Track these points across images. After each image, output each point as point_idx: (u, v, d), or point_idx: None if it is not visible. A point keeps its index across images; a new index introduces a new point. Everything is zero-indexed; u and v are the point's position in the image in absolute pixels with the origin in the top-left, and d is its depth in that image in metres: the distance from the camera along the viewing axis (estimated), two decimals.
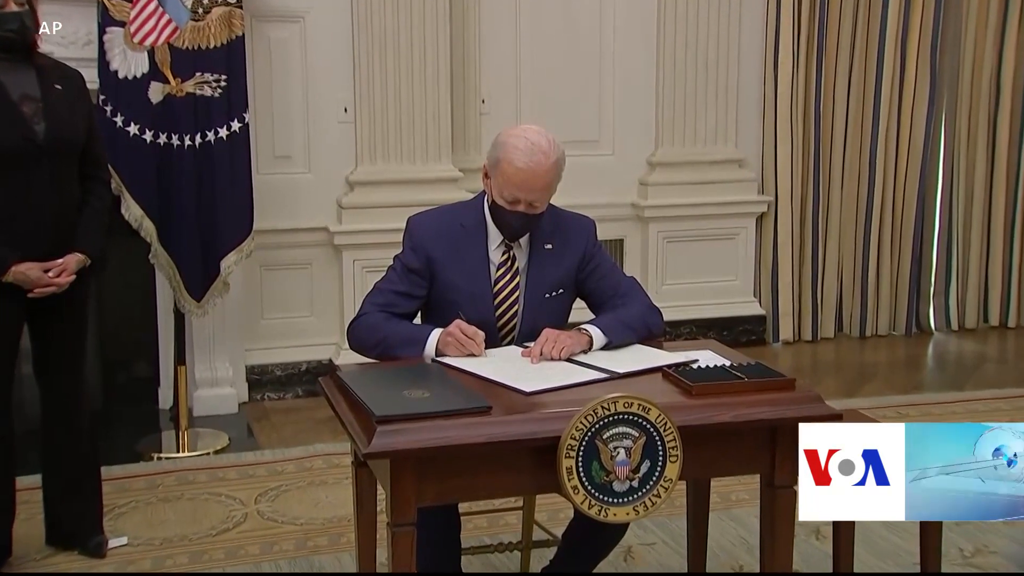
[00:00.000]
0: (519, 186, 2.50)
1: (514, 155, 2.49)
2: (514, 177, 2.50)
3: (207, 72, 3.96)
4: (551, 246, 2.65)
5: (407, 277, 2.61)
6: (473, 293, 2.58)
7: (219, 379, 4.52)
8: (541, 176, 2.50)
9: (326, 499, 3.58)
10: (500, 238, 2.63)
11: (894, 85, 5.44)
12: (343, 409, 2.29)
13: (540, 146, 2.50)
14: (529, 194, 2.51)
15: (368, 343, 2.56)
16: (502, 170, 2.52)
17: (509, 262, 2.64)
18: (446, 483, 2.13)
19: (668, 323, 5.28)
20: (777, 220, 5.40)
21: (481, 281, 2.60)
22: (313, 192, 4.72)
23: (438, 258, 2.60)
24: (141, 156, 3.90)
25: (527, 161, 2.48)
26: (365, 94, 4.63)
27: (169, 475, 3.79)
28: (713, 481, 2.87)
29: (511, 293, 2.63)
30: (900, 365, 5.27)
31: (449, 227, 2.64)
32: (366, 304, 2.63)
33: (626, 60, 5.16)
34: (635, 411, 2.12)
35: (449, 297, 2.59)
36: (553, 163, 2.51)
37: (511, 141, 2.51)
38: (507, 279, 2.63)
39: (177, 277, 4.01)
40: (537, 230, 2.64)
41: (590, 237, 2.72)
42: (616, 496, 2.14)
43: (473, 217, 2.65)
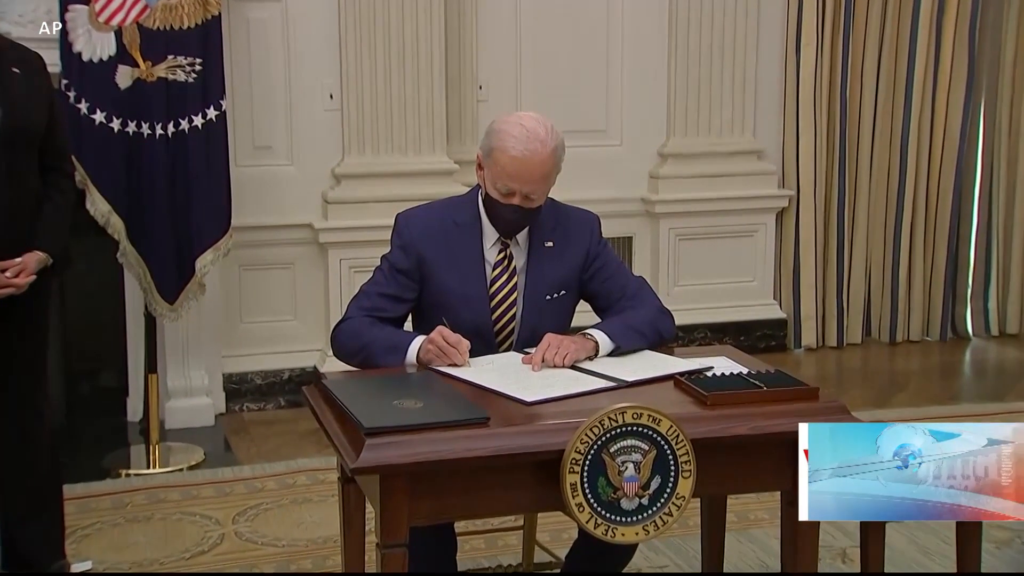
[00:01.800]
0: (514, 176, 2.51)
1: (508, 143, 2.50)
2: (508, 167, 2.50)
3: (180, 55, 3.97)
4: (551, 244, 2.66)
5: (395, 278, 2.62)
6: (467, 295, 2.58)
7: (194, 388, 4.53)
8: (538, 166, 2.50)
9: (310, 518, 3.59)
10: (495, 235, 2.64)
11: (928, 69, 5.44)
12: (329, 421, 2.30)
13: (537, 133, 2.50)
14: (525, 185, 2.52)
15: (350, 350, 2.58)
16: (496, 159, 2.52)
17: (506, 261, 2.64)
18: (441, 500, 2.14)
19: (680, 327, 5.30)
20: (799, 216, 5.41)
21: (476, 282, 2.61)
22: (296, 186, 4.72)
23: (430, 258, 2.61)
24: (108, 146, 3.91)
25: (522, 150, 2.49)
26: (352, 79, 4.64)
27: (138, 493, 3.79)
28: (730, 499, 2.88)
29: (509, 295, 2.63)
30: (934, 373, 5.28)
31: (441, 224, 2.64)
32: (351, 308, 2.63)
33: (636, 42, 5.17)
34: (645, 422, 2.13)
35: (441, 300, 2.60)
36: (551, 152, 2.51)
37: (505, 128, 2.52)
38: (504, 280, 2.63)
39: (148, 278, 4.02)
40: (536, 226, 2.64)
41: (594, 233, 2.72)
42: (624, 515, 2.14)
43: (467, 213, 2.65)
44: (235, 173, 4.27)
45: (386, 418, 2.14)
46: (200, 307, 4.33)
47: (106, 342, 4.62)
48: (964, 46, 5.44)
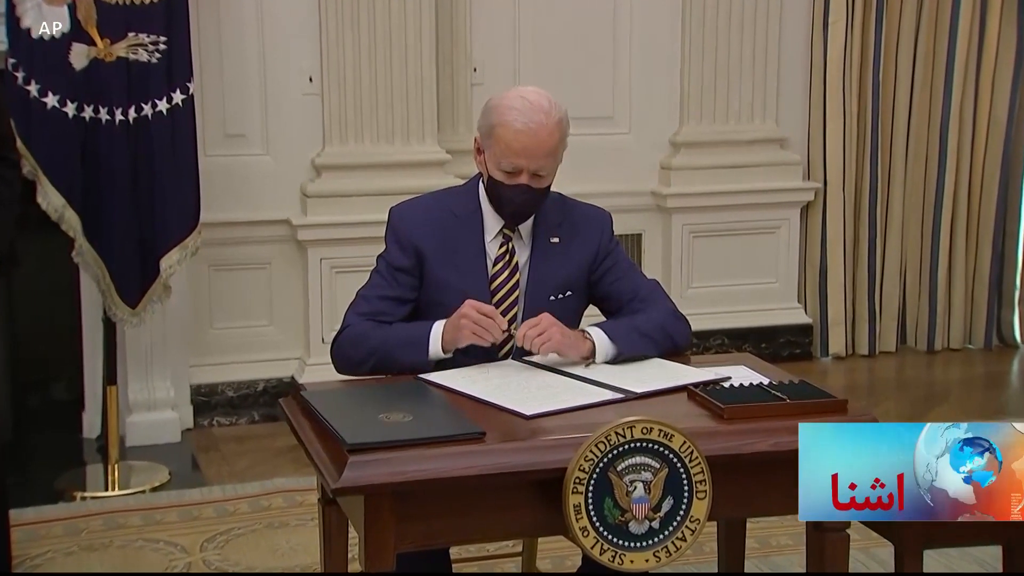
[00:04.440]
0: (520, 152, 2.54)
1: (510, 116, 2.54)
2: (514, 142, 2.54)
3: (142, 32, 3.98)
4: (557, 240, 2.69)
5: (395, 278, 2.65)
6: (466, 292, 2.60)
7: (158, 401, 4.54)
8: (544, 139, 2.54)
9: (287, 544, 3.60)
10: (497, 228, 2.67)
11: (971, 47, 5.45)
12: (308, 436, 2.30)
13: (540, 105, 2.55)
14: (533, 161, 2.55)
15: (357, 358, 2.59)
16: (498, 137, 2.56)
17: (508, 256, 2.67)
18: (431, 524, 2.15)
19: (695, 334, 5.31)
20: (826, 210, 5.43)
21: (476, 277, 2.64)
22: (272, 178, 4.74)
23: (429, 252, 2.64)
24: (62, 133, 3.91)
25: (526, 122, 2.53)
26: (334, 61, 4.65)
27: (95, 518, 3.79)
28: (749, 523, 2.89)
29: (510, 292, 2.66)
30: (977, 384, 5.29)
31: (440, 216, 2.68)
32: (348, 316, 2.66)
33: (646, 18, 5.18)
34: (655, 438, 2.14)
35: (438, 298, 2.63)
36: (556, 123, 2.56)
37: (505, 103, 2.57)
38: (506, 276, 2.66)
39: (107, 279, 4.03)
40: (541, 220, 2.67)
41: (605, 232, 2.75)
42: (633, 539, 2.15)
43: (466, 204, 2.69)
44: (204, 163, 4.29)
45: (372, 433, 2.16)
46: (165, 311, 4.34)
47: (60, 350, 4.63)
48: (1012, 22, 5.45)
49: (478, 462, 2.12)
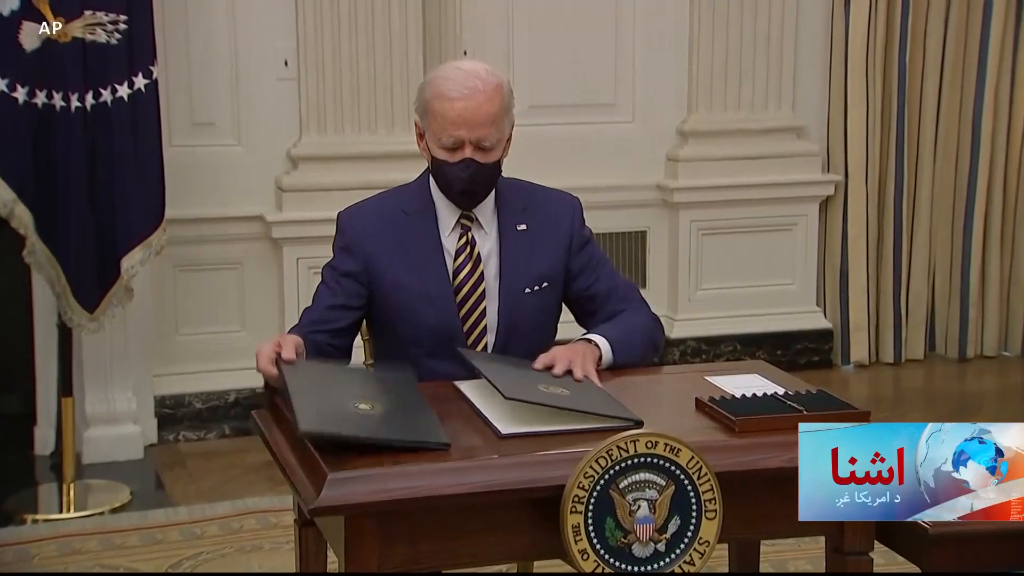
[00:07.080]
0: (456, 122, 2.59)
1: (445, 86, 2.60)
2: (450, 112, 2.59)
3: (100, 10, 3.98)
4: (525, 227, 2.73)
5: (340, 284, 2.69)
6: (428, 293, 2.65)
7: (118, 414, 4.54)
8: (483, 105, 2.59)
9: (260, 570, 3.60)
10: (454, 219, 2.71)
11: (1007, 29, 5.46)
12: (283, 452, 2.32)
13: (475, 71, 2.62)
14: (472, 131, 2.59)
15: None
16: (434, 111, 2.61)
17: (468, 247, 2.71)
18: (418, 546, 2.16)
19: (705, 339, 5.37)
20: (847, 206, 5.44)
21: (436, 276, 2.67)
22: (244, 170, 4.75)
23: (379, 256, 2.68)
24: (12, 121, 3.92)
25: (461, 89, 2.58)
26: (312, 43, 4.66)
27: (48, 543, 3.78)
28: (764, 545, 2.90)
29: (476, 285, 2.69)
30: (1013, 395, 5.30)
31: (391, 216, 2.72)
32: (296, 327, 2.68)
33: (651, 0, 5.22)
34: (661, 452, 2.15)
35: (399, 302, 2.67)
36: (495, 87, 2.61)
37: (438, 74, 2.65)
38: (469, 269, 2.70)
39: (62, 281, 4.03)
40: (504, 205, 2.72)
41: (576, 218, 2.80)
42: (637, 563, 2.16)
43: (417, 199, 2.73)
44: (169, 154, 4.29)
45: (326, 422, 2.17)
46: (127, 316, 4.34)
47: (10, 359, 4.63)
48: None
49: (469, 479, 2.13)
